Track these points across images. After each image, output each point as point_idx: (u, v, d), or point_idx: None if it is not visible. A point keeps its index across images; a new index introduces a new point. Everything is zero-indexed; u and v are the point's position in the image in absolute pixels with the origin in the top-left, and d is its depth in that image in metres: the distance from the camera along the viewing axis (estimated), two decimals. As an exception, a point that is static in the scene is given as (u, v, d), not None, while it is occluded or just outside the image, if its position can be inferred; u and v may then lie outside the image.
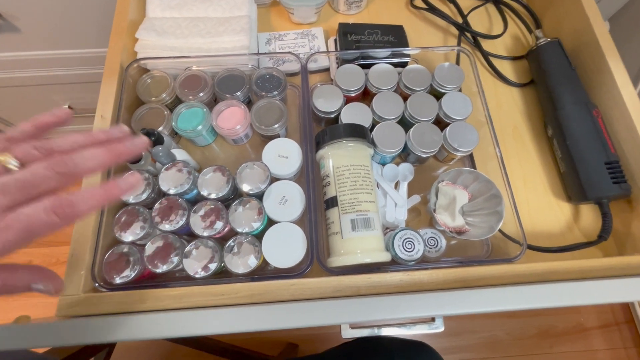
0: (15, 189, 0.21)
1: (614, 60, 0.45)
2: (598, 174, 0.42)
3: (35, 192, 0.21)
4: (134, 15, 0.49)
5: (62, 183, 0.22)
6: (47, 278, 0.23)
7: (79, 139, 0.24)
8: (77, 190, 0.23)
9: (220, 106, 0.44)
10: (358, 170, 0.39)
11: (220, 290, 0.33)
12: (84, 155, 0.23)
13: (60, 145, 0.23)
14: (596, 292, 0.33)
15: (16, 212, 0.21)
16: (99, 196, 0.23)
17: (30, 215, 0.21)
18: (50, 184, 0.22)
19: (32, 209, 0.21)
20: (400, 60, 0.49)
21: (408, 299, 0.32)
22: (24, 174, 0.22)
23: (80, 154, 0.23)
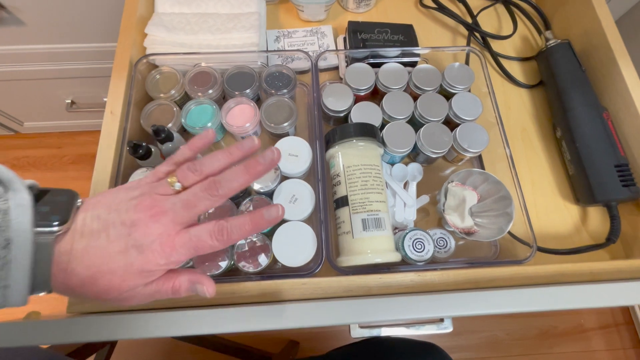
0: (181, 208, 0.26)
1: (625, 63, 0.45)
2: (607, 176, 0.42)
3: (194, 211, 0.26)
4: (142, 11, 0.48)
5: (214, 203, 0.27)
6: (203, 280, 0.28)
7: (222, 159, 0.28)
8: (231, 218, 0.27)
9: (229, 103, 0.44)
10: (369, 169, 0.39)
11: (231, 288, 0.33)
12: (228, 178, 0.27)
13: (209, 167, 0.28)
14: (606, 295, 0.34)
15: (189, 232, 0.26)
16: (248, 226, 0.27)
17: (199, 237, 0.26)
18: (206, 204, 0.26)
19: (200, 231, 0.26)
20: (410, 59, 0.49)
21: (419, 300, 0.32)
22: (187, 195, 0.26)
23: (226, 177, 0.27)
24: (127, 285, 0.24)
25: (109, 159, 0.39)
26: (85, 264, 0.24)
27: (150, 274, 0.25)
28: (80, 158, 1.17)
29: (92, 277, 0.24)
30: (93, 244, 0.24)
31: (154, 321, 0.31)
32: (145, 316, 0.31)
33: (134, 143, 0.38)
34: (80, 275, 0.24)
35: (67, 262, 0.23)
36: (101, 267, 0.24)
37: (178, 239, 0.25)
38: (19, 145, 1.17)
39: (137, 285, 0.25)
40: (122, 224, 0.25)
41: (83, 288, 0.24)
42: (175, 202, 0.26)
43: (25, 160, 1.16)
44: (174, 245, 0.25)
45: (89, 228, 0.24)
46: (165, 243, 0.25)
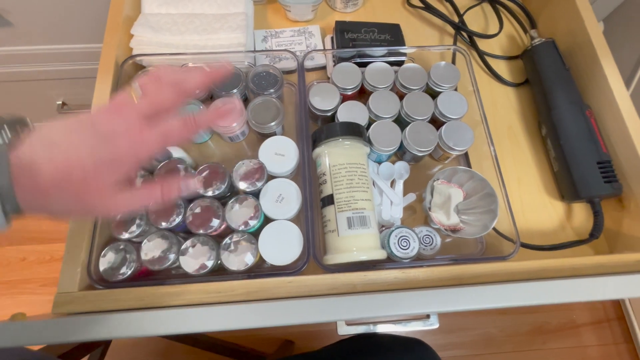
0: (143, 99, 0.27)
1: (607, 61, 0.45)
2: (590, 173, 0.43)
3: (157, 101, 0.28)
4: (129, 11, 0.48)
5: (175, 94, 0.28)
6: (174, 185, 0.29)
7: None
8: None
9: (216, 103, 0.44)
10: (354, 168, 0.39)
11: (217, 287, 0.33)
12: (185, 77, 0.29)
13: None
14: (588, 290, 0.34)
15: (157, 125, 0.27)
16: (212, 115, 0.30)
17: (166, 125, 0.27)
18: (167, 95, 0.28)
19: (167, 122, 0.27)
20: (396, 59, 0.49)
21: (403, 296, 0.33)
22: (148, 93, 0.28)
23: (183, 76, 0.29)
24: (102, 180, 0.25)
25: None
26: (52, 164, 0.24)
27: (122, 164, 0.25)
28: (72, 159, 1.17)
29: (63, 176, 0.24)
30: (57, 149, 0.24)
31: (140, 320, 0.31)
32: (130, 315, 0.31)
33: None
34: (50, 175, 0.24)
35: (29, 164, 0.23)
36: (69, 163, 0.24)
37: (147, 130, 0.26)
38: (10, 148, 1.17)
39: (111, 179, 0.25)
40: (85, 127, 0.25)
41: (57, 188, 0.24)
42: (139, 101, 0.28)
43: (17, 162, 1.15)
44: (142, 136, 0.26)
45: (48, 138, 0.24)
46: (132, 131, 0.26)
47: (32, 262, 1.06)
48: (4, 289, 1.03)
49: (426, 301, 0.33)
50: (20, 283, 1.04)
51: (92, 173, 0.25)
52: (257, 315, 0.32)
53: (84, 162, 0.24)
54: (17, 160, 0.23)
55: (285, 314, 0.32)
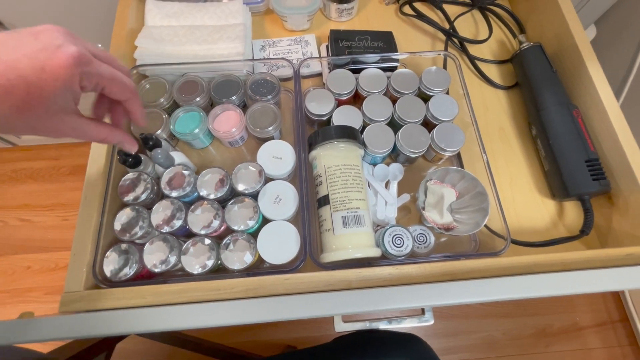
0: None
1: (593, 63, 0.47)
2: (579, 171, 0.44)
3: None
4: (132, 24, 0.51)
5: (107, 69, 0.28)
6: (126, 139, 0.32)
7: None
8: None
9: (216, 110, 0.46)
10: (349, 169, 0.41)
11: (217, 285, 0.35)
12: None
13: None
14: (577, 283, 0.35)
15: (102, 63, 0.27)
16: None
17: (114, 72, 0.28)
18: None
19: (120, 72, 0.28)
20: (389, 64, 0.51)
21: (397, 291, 0.34)
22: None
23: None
24: (47, 94, 0.23)
25: (99, 166, 0.41)
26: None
27: (68, 84, 0.24)
28: (77, 169, 1.19)
29: (2, 86, 0.22)
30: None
31: (143, 317, 0.33)
32: (132, 312, 0.33)
33: (124, 152, 0.40)
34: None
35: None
36: (7, 74, 0.22)
37: (96, 60, 0.26)
38: (17, 158, 1.19)
39: (58, 94, 0.24)
40: (23, 35, 0.23)
41: (1, 103, 0.22)
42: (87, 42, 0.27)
43: (23, 173, 1.18)
44: (91, 59, 0.25)
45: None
46: (82, 52, 0.25)
47: (37, 271, 1.07)
48: (9, 297, 1.05)
49: (419, 295, 0.34)
50: (25, 291, 1.05)
51: (36, 88, 0.23)
52: (256, 311, 0.33)
53: (27, 76, 0.23)
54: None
55: (282, 309, 0.33)
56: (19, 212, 1.13)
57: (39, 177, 1.18)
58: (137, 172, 0.41)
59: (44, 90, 0.23)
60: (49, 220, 1.13)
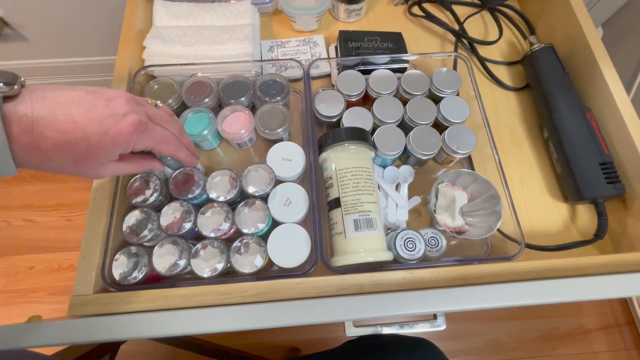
0: (150, 109, 0.31)
1: (606, 65, 0.46)
2: (593, 174, 0.43)
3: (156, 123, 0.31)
4: (141, 25, 0.50)
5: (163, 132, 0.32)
6: (156, 165, 0.36)
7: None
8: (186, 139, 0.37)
9: (225, 111, 0.45)
10: (360, 172, 0.40)
11: (227, 289, 0.34)
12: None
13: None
14: (593, 289, 0.34)
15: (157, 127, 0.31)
16: (183, 156, 0.36)
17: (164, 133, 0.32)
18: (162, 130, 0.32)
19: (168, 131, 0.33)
20: (399, 66, 0.51)
21: (411, 296, 0.33)
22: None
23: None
24: (102, 153, 0.27)
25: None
26: (56, 128, 0.24)
27: (124, 144, 0.27)
28: (81, 169, 1.19)
29: (68, 142, 0.25)
30: (62, 112, 0.25)
31: (153, 321, 0.32)
32: (143, 317, 0.32)
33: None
34: (53, 139, 0.25)
35: (30, 124, 0.24)
36: (75, 132, 0.25)
37: (151, 124, 0.29)
38: (21, 158, 1.19)
39: (111, 153, 0.27)
40: (96, 97, 0.27)
41: (59, 153, 0.25)
42: (148, 104, 0.32)
43: (27, 173, 1.18)
44: (147, 126, 0.29)
45: (53, 100, 0.25)
46: (142, 119, 0.28)
47: (40, 271, 1.07)
48: (13, 298, 1.04)
49: (434, 300, 0.33)
50: (29, 292, 1.05)
51: (95, 148, 0.26)
52: (267, 316, 0.33)
53: (90, 136, 0.26)
54: (16, 116, 0.23)
55: (294, 315, 0.32)
56: (23, 212, 1.13)
57: (42, 177, 1.18)
58: (146, 174, 0.41)
59: (100, 150, 0.27)
60: (52, 220, 1.12)
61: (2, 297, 1.04)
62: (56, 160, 0.26)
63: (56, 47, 0.70)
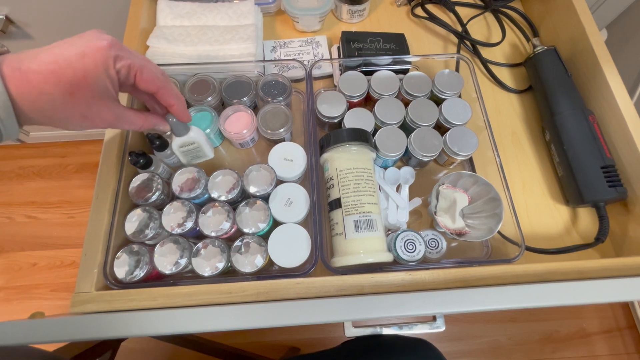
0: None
1: (609, 67, 0.46)
2: (594, 177, 0.43)
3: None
4: (145, 24, 0.50)
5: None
6: (160, 123, 0.36)
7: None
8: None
9: (227, 111, 0.45)
10: (361, 173, 0.40)
11: (228, 288, 0.34)
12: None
13: None
14: (593, 292, 0.34)
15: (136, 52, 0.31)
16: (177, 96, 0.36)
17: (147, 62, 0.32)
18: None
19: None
20: (401, 67, 0.51)
21: (410, 297, 0.33)
22: None
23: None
24: (89, 78, 0.27)
25: (111, 166, 0.41)
26: (40, 60, 0.26)
27: (106, 65, 0.28)
28: (83, 167, 1.20)
29: (53, 71, 0.26)
30: (44, 50, 0.27)
31: (154, 319, 0.32)
32: (144, 314, 0.32)
33: (135, 153, 0.40)
34: (40, 71, 0.26)
35: (18, 62, 0.26)
36: (58, 61, 0.26)
37: (127, 48, 0.30)
38: (24, 155, 1.20)
39: (98, 76, 0.28)
40: (75, 37, 0.28)
41: (49, 85, 0.26)
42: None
43: (31, 170, 1.18)
44: (124, 47, 0.29)
45: (35, 49, 0.27)
46: (116, 41, 0.29)
47: (43, 268, 1.08)
48: (15, 294, 1.05)
49: (433, 302, 0.33)
50: (31, 288, 1.06)
51: (81, 72, 0.27)
52: (267, 315, 0.33)
53: (73, 62, 0.27)
54: (4, 59, 0.25)
55: (294, 314, 0.33)
56: (26, 208, 1.14)
57: (45, 174, 1.18)
58: (148, 173, 0.41)
59: (87, 72, 0.27)
60: (55, 217, 1.13)
61: (4, 293, 1.05)
62: (51, 95, 0.27)
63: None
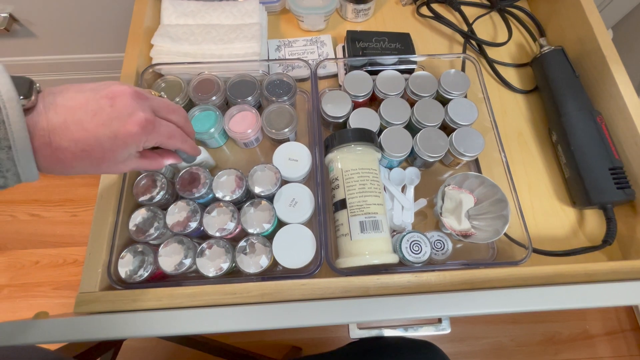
0: (157, 102, 0.31)
1: (617, 68, 0.46)
2: (602, 179, 0.43)
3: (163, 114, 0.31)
4: (149, 23, 0.50)
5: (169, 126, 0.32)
6: (174, 158, 0.35)
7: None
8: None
9: (232, 110, 0.45)
10: (366, 173, 0.40)
11: (233, 289, 0.34)
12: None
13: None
14: (601, 295, 0.34)
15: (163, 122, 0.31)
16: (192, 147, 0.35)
17: (170, 128, 0.31)
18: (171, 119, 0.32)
19: (174, 126, 0.32)
20: (407, 67, 0.50)
21: (416, 300, 0.33)
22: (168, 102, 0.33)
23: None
24: (117, 154, 0.28)
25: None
26: (70, 138, 0.25)
27: (135, 143, 0.28)
28: (86, 165, 1.19)
29: (84, 150, 0.26)
30: (72, 119, 0.25)
31: (157, 320, 0.32)
32: (149, 315, 0.32)
33: None
34: (70, 149, 0.26)
35: (48, 137, 0.25)
36: (88, 140, 0.26)
37: (157, 121, 0.29)
38: (27, 153, 1.20)
39: (125, 152, 0.28)
40: (101, 97, 0.27)
41: (78, 161, 0.26)
42: (152, 95, 0.31)
43: (33, 168, 1.18)
44: (154, 124, 0.29)
45: (62, 105, 0.26)
46: (148, 120, 0.28)
47: (45, 266, 1.08)
48: (18, 292, 1.05)
49: (439, 304, 0.33)
50: (34, 286, 1.06)
51: (110, 152, 0.27)
52: (272, 317, 0.32)
53: (103, 142, 0.26)
54: (35, 130, 0.24)
55: (299, 316, 0.32)
56: (29, 206, 1.14)
57: (48, 172, 1.18)
58: (152, 172, 0.41)
59: (115, 152, 0.28)
60: (58, 215, 1.13)
61: (7, 291, 1.05)
62: (78, 167, 0.27)
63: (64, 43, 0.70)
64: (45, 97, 0.26)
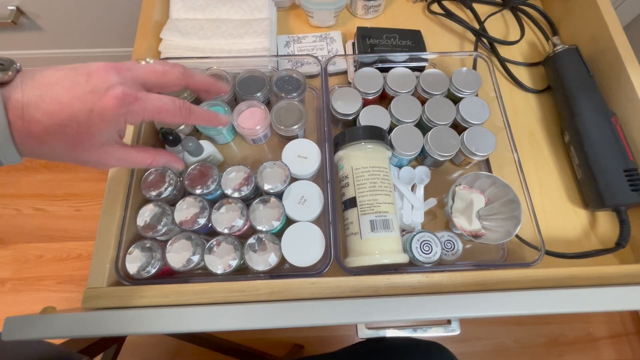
0: (143, 68, 0.29)
1: (633, 67, 0.45)
2: (616, 181, 0.42)
3: (153, 77, 0.29)
4: (158, 17, 0.50)
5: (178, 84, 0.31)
6: (173, 161, 0.33)
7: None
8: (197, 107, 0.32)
9: (241, 106, 0.45)
10: (377, 172, 0.40)
11: (241, 286, 0.34)
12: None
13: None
14: (616, 299, 0.33)
15: (152, 93, 0.28)
16: (206, 113, 0.33)
17: (161, 98, 0.28)
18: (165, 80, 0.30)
19: (164, 96, 0.29)
20: (418, 64, 0.50)
21: (427, 300, 0.33)
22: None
23: None
24: (93, 132, 0.26)
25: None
26: (44, 111, 0.24)
27: (114, 121, 0.26)
28: (91, 160, 1.19)
29: (57, 124, 0.24)
30: (48, 93, 0.24)
31: (165, 317, 0.32)
32: (156, 312, 0.32)
33: (165, 130, 0.39)
34: (43, 123, 0.24)
35: (21, 109, 0.24)
36: (62, 114, 0.24)
37: (141, 93, 0.27)
38: (32, 147, 1.20)
39: (103, 132, 0.26)
40: (78, 74, 0.25)
41: (51, 137, 0.25)
42: (137, 65, 0.28)
43: (38, 162, 1.18)
44: (136, 97, 0.26)
45: (40, 81, 0.25)
46: (127, 92, 0.26)
47: (49, 260, 1.08)
48: (21, 285, 1.06)
49: (450, 306, 0.32)
50: (37, 280, 1.06)
51: (85, 127, 0.25)
52: (282, 315, 0.32)
53: (78, 116, 0.25)
54: (9, 102, 0.23)
55: (309, 315, 0.32)
56: (33, 201, 1.14)
57: (53, 167, 1.18)
58: (160, 169, 0.40)
59: (91, 128, 0.26)
60: (62, 210, 1.13)
61: (11, 284, 1.05)
62: (51, 145, 0.25)
63: (71, 37, 0.70)
64: (24, 75, 0.25)
